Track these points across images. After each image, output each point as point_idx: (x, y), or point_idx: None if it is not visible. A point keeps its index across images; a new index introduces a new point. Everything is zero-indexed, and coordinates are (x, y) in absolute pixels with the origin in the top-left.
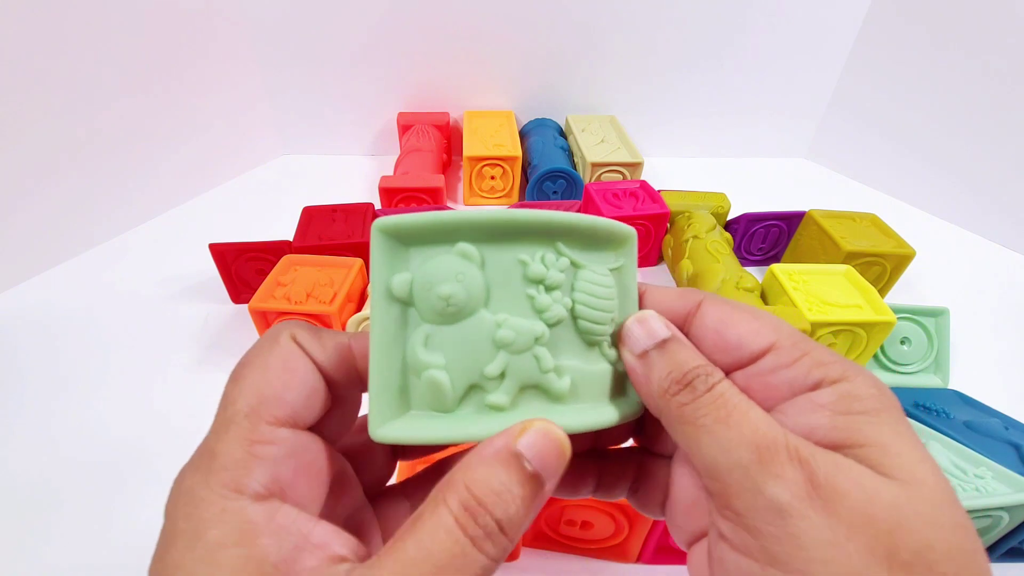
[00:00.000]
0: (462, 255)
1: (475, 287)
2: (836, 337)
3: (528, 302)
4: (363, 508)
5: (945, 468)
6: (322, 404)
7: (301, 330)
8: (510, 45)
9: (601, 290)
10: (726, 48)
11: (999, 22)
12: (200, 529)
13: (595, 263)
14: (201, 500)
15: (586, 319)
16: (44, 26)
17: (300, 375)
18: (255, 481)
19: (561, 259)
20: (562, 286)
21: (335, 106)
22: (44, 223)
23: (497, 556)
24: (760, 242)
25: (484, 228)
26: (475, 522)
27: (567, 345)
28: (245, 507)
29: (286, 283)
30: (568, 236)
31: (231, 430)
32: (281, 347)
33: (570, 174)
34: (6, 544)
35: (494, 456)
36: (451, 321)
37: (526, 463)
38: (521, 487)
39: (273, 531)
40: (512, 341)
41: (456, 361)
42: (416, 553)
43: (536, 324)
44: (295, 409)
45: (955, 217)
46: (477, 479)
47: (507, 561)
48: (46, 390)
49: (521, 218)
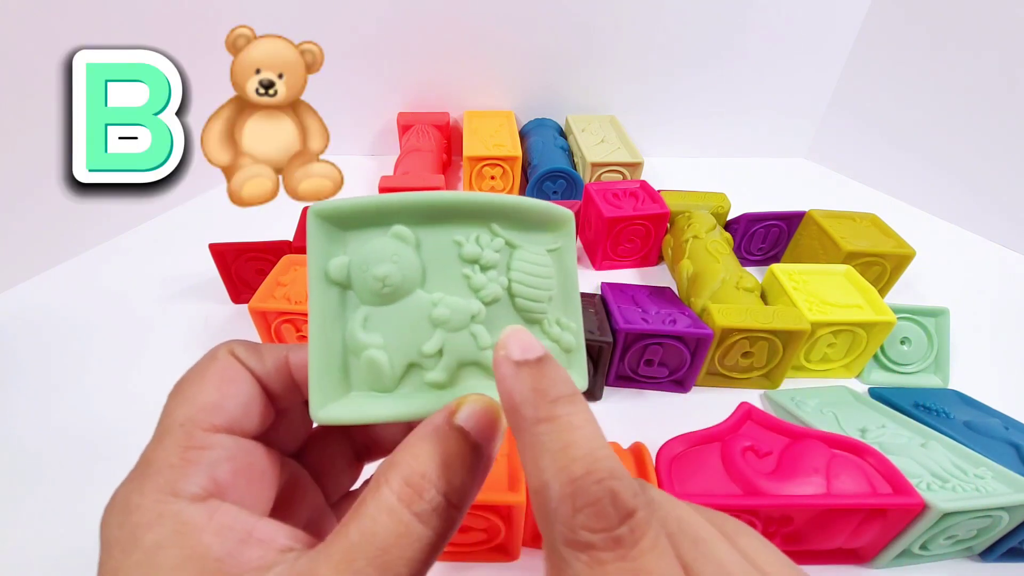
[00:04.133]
0: (397, 237)
1: (410, 267)
2: (836, 337)
3: (464, 281)
4: (324, 514)
5: (945, 468)
6: (261, 414)
7: (240, 346)
8: (510, 45)
9: (537, 268)
10: (726, 48)
11: (999, 22)
12: (136, 534)
13: (531, 243)
14: (136, 507)
15: (523, 297)
16: (44, 26)
17: (237, 386)
18: (191, 483)
19: (496, 239)
20: (498, 266)
21: (335, 106)
22: (44, 223)
23: (444, 530)
24: (760, 242)
25: (419, 210)
26: (420, 497)
27: (505, 323)
28: (182, 509)
29: (286, 283)
30: (502, 218)
31: (166, 439)
32: (219, 362)
33: (570, 174)
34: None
35: (434, 432)
36: (388, 302)
37: (467, 435)
38: (463, 458)
39: (214, 529)
40: (448, 319)
41: (394, 341)
42: (359, 537)
43: (472, 302)
44: (233, 417)
45: (955, 217)
46: (419, 454)
47: (506, 561)
48: (46, 390)
49: (454, 200)
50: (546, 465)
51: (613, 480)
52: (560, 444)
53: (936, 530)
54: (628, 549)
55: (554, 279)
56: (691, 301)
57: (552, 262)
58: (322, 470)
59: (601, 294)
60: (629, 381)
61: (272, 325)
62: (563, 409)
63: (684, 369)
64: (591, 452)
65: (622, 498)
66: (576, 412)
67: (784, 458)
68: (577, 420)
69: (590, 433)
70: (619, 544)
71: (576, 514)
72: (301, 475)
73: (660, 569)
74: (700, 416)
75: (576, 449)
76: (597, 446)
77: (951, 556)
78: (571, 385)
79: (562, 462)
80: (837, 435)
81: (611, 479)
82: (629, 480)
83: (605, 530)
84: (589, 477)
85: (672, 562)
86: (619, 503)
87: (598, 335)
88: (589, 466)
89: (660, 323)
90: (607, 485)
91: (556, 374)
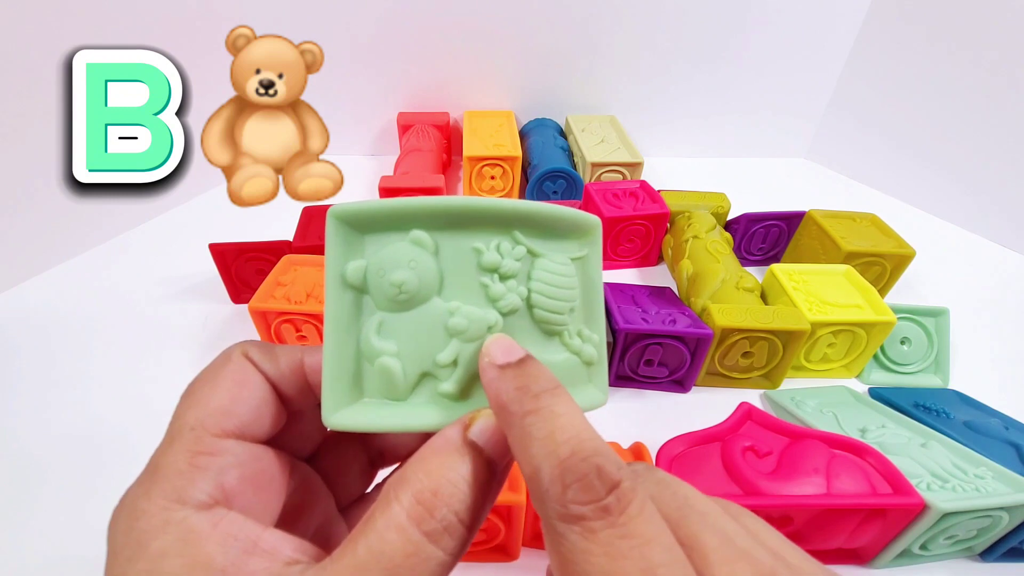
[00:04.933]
0: (415, 242)
1: (427, 274)
2: (836, 337)
3: (482, 291)
4: (334, 521)
5: (945, 468)
6: (274, 417)
7: (254, 347)
8: (510, 45)
9: (559, 279)
10: (726, 48)
11: (999, 22)
12: (142, 541)
13: (555, 252)
14: (143, 512)
15: (543, 308)
16: (44, 26)
17: (249, 389)
18: (198, 491)
19: (517, 248)
20: (518, 275)
21: (335, 106)
22: (44, 223)
23: (455, 551)
24: (760, 242)
25: (439, 215)
26: (431, 516)
27: (523, 334)
28: (188, 516)
29: (286, 283)
30: (526, 225)
31: (175, 444)
32: (232, 364)
33: (570, 174)
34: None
35: (446, 446)
36: (404, 308)
37: (480, 451)
38: (476, 475)
39: (218, 538)
40: (464, 329)
41: (408, 348)
42: (366, 555)
43: (489, 313)
44: (243, 422)
45: (955, 217)
46: (432, 470)
47: (506, 561)
48: (45, 390)
49: (477, 205)
50: (535, 452)
51: (597, 456)
52: (547, 431)
53: (936, 530)
54: (616, 516)
55: (577, 289)
56: (691, 301)
57: (576, 271)
58: (335, 474)
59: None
60: (629, 381)
61: (272, 325)
62: (546, 401)
63: (684, 369)
64: (576, 435)
65: (606, 471)
66: (558, 402)
67: (784, 458)
68: (560, 408)
69: (574, 419)
70: (607, 512)
71: (566, 490)
72: (313, 479)
73: (648, 532)
74: (700, 416)
75: (562, 433)
76: (581, 428)
77: (951, 556)
78: (553, 380)
79: (550, 447)
80: (837, 435)
81: (595, 456)
82: (613, 456)
83: (593, 501)
84: (575, 456)
85: (660, 525)
86: (604, 476)
87: None
88: (575, 447)
89: (660, 323)
90: (592, 461)
91: (538, 372)
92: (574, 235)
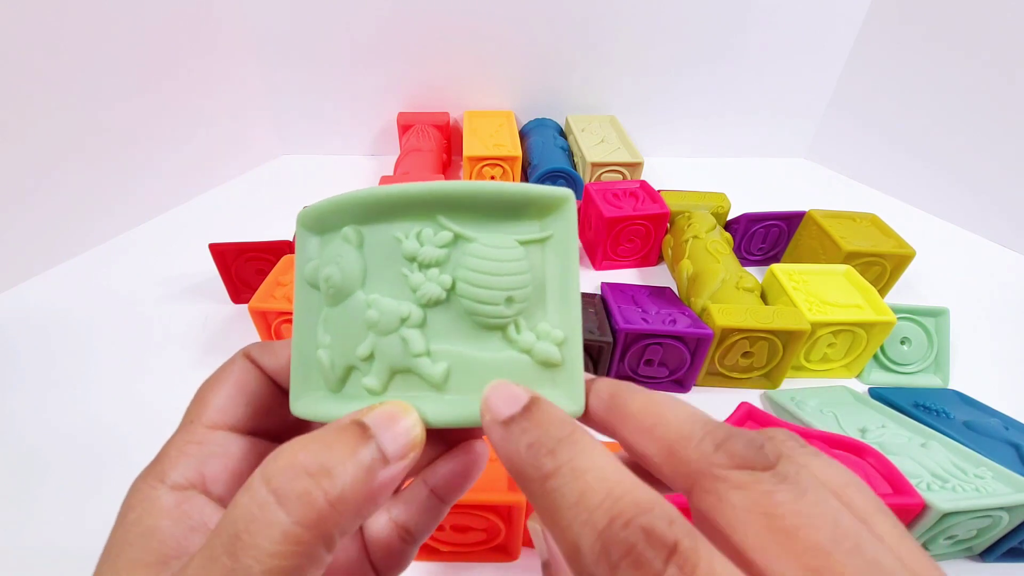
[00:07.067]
0: (343, 238)
1: (349, 268)
2: (836, 337)
3: (403, 281)
4: None
5: (945, 468)
6: (274, 411)
7: (255, 347)
8: (510, 45)
9: (491, 264)
10: (726, 48)
11: (999, 22)
12: (124, 512)
13: (496, 234)
14: (136, 491)
15: (469, 298)
16: (44, 26)
17: (247, 387)
18: (177, 474)
19: (441, 233)
20: (444, 263)
21: (335, 106)
22: (44, 223)
23: (311, 523)
24: (760, 242)
25: (366, 207)
26: (287, 479)
27: (451, 328)
28: (161, 495)
29: (286, 283)
30: (457, 208)
31: (175, 435)
32: (234, 365)
33: (570, 174)
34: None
35: (331, 429)
36: (336, 303)
37: (370, 440)
38: (354, 461)
39: (176, 515)
40: (376, 321)
41: (337, 342)
42: (221, 521)
43: (403, 304)
44: (237, 417)
45: (955, 217)
46: (304, 441)
47: (506, 561)
48: (45, 390)
49: (399, 193)
50: (568, 524)
51: (641, 516)
52: (575, 497)
53: (936, 530)
54: None
55: (525, 275)
56: (691, 301)
57: (524, 255)
58: None
59: (601, 294)
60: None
61: (272, 325)
62: (565, 455)
63: (684, 369)
64: (608, 493)
65: (657, 533)
66: (580, 453)
67: None
68: (583, 462)
69: (603, 471)
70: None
71: (615, 571)
72: None
73: None
74: None
75: (592, 496)
76: (613, 483)
77: (951, 556)
78: (567, 423)
79: (583, 516)
80: (837, 435)
81: (639, 516)
82: (661, 505)
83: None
84: (615, 523)
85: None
86: (655, 540)
87: (598, 335)
88: (610, 510)
89: (660, 323)
90: (637, 525)
91: (548, 418)
92: (529, 214)
